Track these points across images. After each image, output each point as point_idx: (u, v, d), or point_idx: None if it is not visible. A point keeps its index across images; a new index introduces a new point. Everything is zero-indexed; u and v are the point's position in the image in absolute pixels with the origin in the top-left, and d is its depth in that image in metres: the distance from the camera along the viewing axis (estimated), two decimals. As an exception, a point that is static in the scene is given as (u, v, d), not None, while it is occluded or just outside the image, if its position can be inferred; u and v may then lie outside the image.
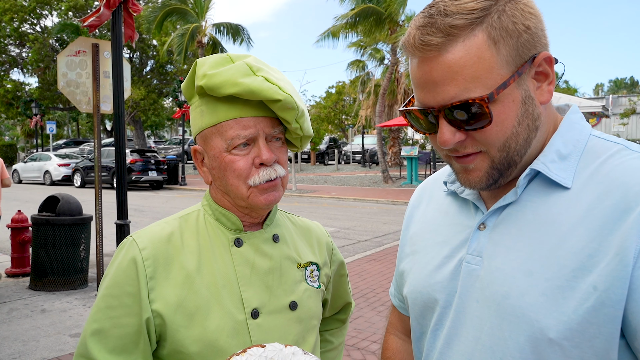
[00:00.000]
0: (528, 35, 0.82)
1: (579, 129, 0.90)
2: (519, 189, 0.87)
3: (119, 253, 1.15)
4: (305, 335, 1.20)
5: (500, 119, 0.82)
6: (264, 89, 1.06)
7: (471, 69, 0.80)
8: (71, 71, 6.27)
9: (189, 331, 1.09)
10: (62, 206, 6.44)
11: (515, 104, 0.83)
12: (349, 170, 30.34)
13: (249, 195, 1.12)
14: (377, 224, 12.09)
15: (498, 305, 0.85)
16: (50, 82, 29.91)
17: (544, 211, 0.85)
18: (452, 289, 0.93)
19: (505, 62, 0.81)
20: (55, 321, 5.26)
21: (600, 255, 0.77)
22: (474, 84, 0.80)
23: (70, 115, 43.64)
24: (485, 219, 0.92)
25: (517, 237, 0.86)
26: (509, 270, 0.85)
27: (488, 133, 0.83)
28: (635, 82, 78.77)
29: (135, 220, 9.42)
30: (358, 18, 21.45)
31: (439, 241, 1.00)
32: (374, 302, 5.93)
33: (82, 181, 22.51)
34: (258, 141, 1.11)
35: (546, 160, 0.86)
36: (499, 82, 0.81)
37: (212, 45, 27.26)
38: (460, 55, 0.80)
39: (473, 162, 0.87)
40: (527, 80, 0.84)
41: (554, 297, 0.79)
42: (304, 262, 1.25)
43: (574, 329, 0.77)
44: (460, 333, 0.91)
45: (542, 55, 0.83)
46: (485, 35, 0.80)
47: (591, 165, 0.85)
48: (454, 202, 1.02)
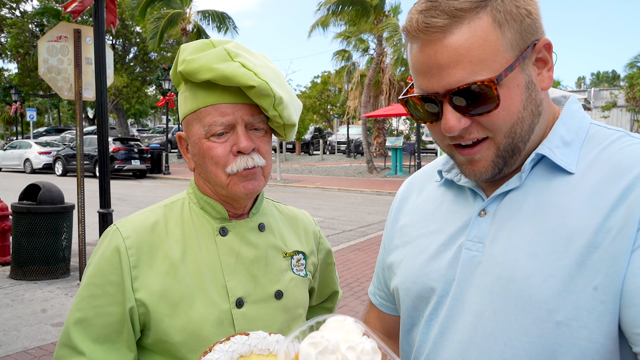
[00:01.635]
0: (530, 20, 0.82)
1: (579, 117, 0.92)
2: (523, 173, 0.87)
3: (102, 242, 1.14)
4: (290, 324, 1.20)
5: (507, 103, 0.82)
6: (238, 74, 1.04)
7: (477, 52, 0.79)
8: (52, 57, 6.15)
9: (173, 320, 1.08)
10: (44, 194, 6.34)
11: (520, 89, 0.83)
12: (334, 160, 30.36)
13: (228, 183, 1.12)
14: (362, 214, 12.14)
15: (502, 289, 0.84)
16: (30, 68, 29.31)
17: (548, 195, 0.85)
18: (450, 277, 0.92)
19: (510, 45, 0.81)
20: (36, 310, 5.20)
21: (604, 232, 0.78)
22: (480, 67, 0.79)
23: (51, 102, 42.87)
24: (487, 205, 0.91)
25: (520, 221, 0.86)
26: (512, 254, 0.84)
27: (495, 117, 0.83)
28: (616, 75, 79.81)
29: (118, 210, 9.32)
30: (340, 6, 21.33)
31: (434, 230, 0.99)
32: (358, 291, 5.98)
33: (63, 169, 22.19)
34: (237, 129, 1.10)
35: (551, 146, 0.87)
36: (505, 66, 0.80)
37: (197, 33, 26.94)
38: (466, 37, 0.79)
39: (479, 151, 0.86)
40: (529, 66, 0.84)
41: (561, 277, 0.79)
42: (290, 251, 1.25)
43: (582, 308, 0.77)
44: (456, 321, 0.90)
45: (542, 41, 0.84)
46: (490, 18, 0.80)
47: (593, 151, 0.86)
48: (448, 191, 1.02)
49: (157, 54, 32.55)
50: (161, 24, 25.20)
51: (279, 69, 1.20)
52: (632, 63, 32.43)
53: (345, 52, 28.65)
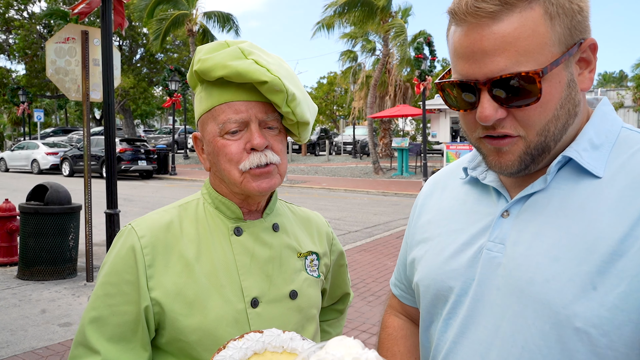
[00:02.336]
0: (581, 17, 0.81)
1: (611, 120, 0.90)
2: (549, 176, 0.86)
3: (117, 241, 1.14)
4: (304, 324, 1.20)
5: (546, 99, 0.80)
6: (251, 70, 1.05)
7: (525, 42, 0.77)
8: (60, 58, 6.18)
9: (188, 320, 1.08)
10: (51, 195, 6.37)
11: (561, 86, 0.81)
12: (340, 161, 30.35)
13: (242, 180, 1.12)
14: (368, 214, 12.12)
15: (521, 291, 0.83)
16: (38, 69, 29.50)
17: (573, 198, 0.83)
18: (470, 277, 0.91)
19: (558, 40, 0.79)
20: (43, 310, 5.22)
21: (631, 240, 0.76)
22: (525, 58, 0.78)
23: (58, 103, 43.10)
24: (510, 207, 0.90)
25: (544, 224, 0.84)
26: (533, 257, 0.83)
27: (531, 113, 0.81)
28: (624, 75, 79.38)
29: (124, 210, 9.36)
30: (347, 7, 21.34)
31: (456, 229, 0.98)
32: (364, 292, 5.96)
33: (70, 170, 22.29)
34: (250, 126, 1.10)
35: (579, 149, 0.85)
36: (550, 59, 0.79)
37: (202, 33, 27.03)
38: (515, 26, 0.77)
39: (508, 144, 0.84)
40: (573, 64, 0.83)
41: (582, 283, 0.77)
42: (304, 251, 1.25)
43: (602, 316, 0.75)
44: (478, 321, 0.89)
45: (588, 40, 0.82)
46: (542, 10, 0.78)
47: (623, 156, 0.84)
48: (472, 190, 1.00)
49: (164, 54, 32.68)
50: (164, 25, 25.29)
51: (293, 71, 1.20)
52: (639, 64, 32.22)
53: (351, 52, 28.64)
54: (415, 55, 17.73)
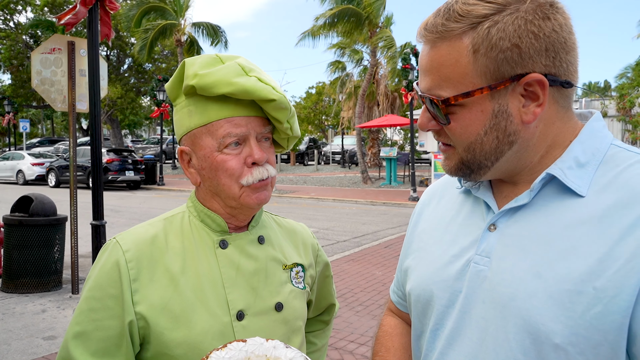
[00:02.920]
0: (513, 54, 0.81)
1: (600, 137, 0.89)
2: (532, 191, 0.87)
3: (102, 255, 1.14)
4: (290, 336, 1.19)
5: (465, 123, 0.87)
6: (259, 88, 1.07)
7: (447, 69, 0.85)
8: (46, 69, 6.15)
9: (174, 333, 1.07)
10: (36, 206, 6.30)
11: (484, 115, 0.85)
12: (329, 170, 30.38)
13: (241, 194, 1.12)
14: (356, 224, 12.13)
15: (504, 306, 0.84)
16: (24, 79, 29.28)
17: (557, 216, 0.85)
18: (457, 289, 0.93)
19: (481, 72, 0.83)
20: (28, 324, 5.14)
21: (610, 261, 0.76)
22: (445, 84, 0.86)
23: (44, 113, 42.75)
24: (496, 220, 0.91)
25: (528, 240, 0.86)
26: (517, 272, 0.84)
27: (452, 131, 0.89)
28: (608, 85, 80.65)
29: (111, 221, 9.27)
30: (337, 19, 21.51)
31: (448, 240, 0.99)
32: (352, 302, 5.95)
33: (56, 181, 22.06)
34: (249, 140, 1.11)
35: (563, 166, 0.86)
36: (469, 89, 0.84)
37: (190, 44, 27.05)
38: (442, 53, 0.85)
39: (446, 152, 0.94)
40: (508, 97, 0.84)
41: (562, 300, 0.78)
42: (290, 263, 1.25)
43: (580, 335, 0.76)
44: (464, 333, 0.90)
45: (531, 76, 0.82)
46: (469, 42, 0.82)
47: (609, 174, 0.85)
48: (466, 200, 1.02)
49: (152, 64, 32.60)
50: (150, 35, 25.24)
51: None
52: (622, 74, 32.80)
53: (339, 63, 28.82)
54: (403, 66, 17.92)
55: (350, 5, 21.45)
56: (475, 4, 0.83)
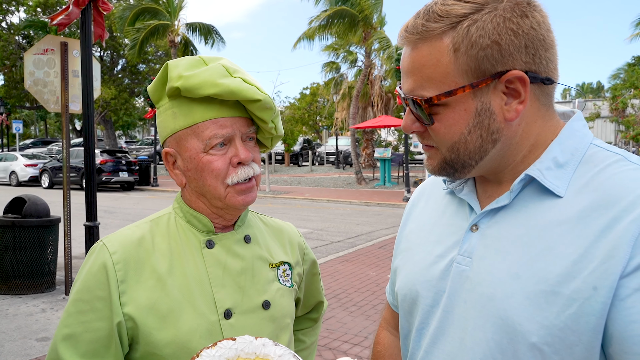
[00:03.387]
0: (493, 51, 0.82)
1: (579, 137, 0.90)
2: (512, 193, 0.88)
3: (89, 257, 1.15)
4: (278, 333, 1.21)
5: (449, 122, 0.87)
6: (244, 89, 1.08)
7: (428, 70, 0.86)
8: (39, 70, 6.13)
9: (162, 333, 1.09)
10: (29, 207, 6.28)
11: (468, 113, 0.86)
12: (323, 171, 30.40)
13: (226, 195, 1.13)
14: (350, 225, 12.15)
15: (483, 306, 0.85)
16: (16, 80, 29.07)
17: (536, 217, 0.85)
18: (441, 289, 0.94)
19: (463, 71, 0.83)
20: (21, 325, 5.13)
21: (585, 262, 0.77)
22: (428, 84, 0.86)
23: (38, 114, 42.53)
24: (478, 221, 0.92)
25: (507, 241, 0.87)
26: (496, 273, 0.85)
27: (436, 132, 0.89)
28: (601, 86, 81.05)
29: (105, 222, 9.24)
30: (331, 20, 21.54)
31: (433, 240, 1.00)
32: (346, 302, 5.97)
33: (50, 182, 21.95)
34: (235, 141, 1.13)
35: (542, 167, 0.86)
36: (451, 88, 0.84)
37: (185, 45, 26.99)
38: (424, 54, 0.86)
39: (429, 151, 0.94)
40: (490, 95, 0.84)
41: (538, 301, 0.79)
42: (276, 261, 1.26)
43: (555, 335, 0.77)
44: (446, 333, 0.92)
45: (512, 73, 0.83)
46: (450, 42, 0.83)
47: (587, 174, 0.85)
48: (451, 201, 1.03)
49: (145, 65, 32.50)
50: (141, 34, 25.13)
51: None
52: (615, 74, 33.01)
53: (333, 64, 28.84)
54: (396, 67, 17.94)
55: (345, 6, 21.47)
56: (454, 4, 0.84)
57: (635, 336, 0.73)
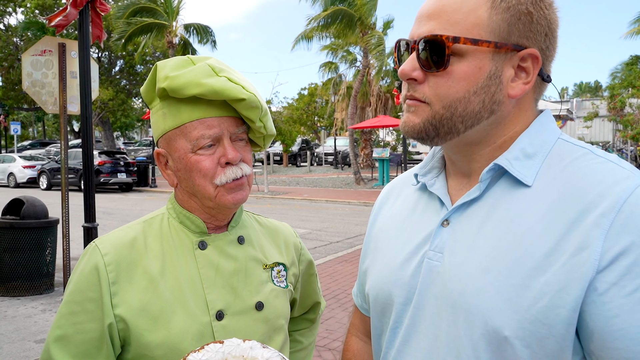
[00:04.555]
0: (525, 20, 0.83)
1: (548, 131, 0.90)
2: (482, 183, 0.87)
3: (82, 259, 1.16)
4: (272, 334, 1.21)
5: (459, 76, 0.83)
6: (228, 88, 1.07)
7: (459, 15, 0.82)
8: (36, 71, 6.12)
9: (153, 335, 1.09)
10: (27, 209, 6.27)
11: (480, 72, 0.83)
12: (321, 171, 30.39)
13: (216, 195, 1.13)
14: (349, 225, 12.15)
15: (454, 302, 0.85)
16: (14, 81, 29.02)
17: (506, 209, 0.85)
18: (413, 286, 0.93)
19: (492, 28, 0.82)
20: (19, 327, 5.12)
21: (556, 255, 0.77)
22: (452, 27, 0.82)
23: (36, 115, 42.48)
24: (449, 215, 0.91)
25: (477, 234, 0.86)
26: (466, 268, 0.85)
27: (440, 83, 0.84)
28: (599, 85, 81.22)
29: (103, 224, 9.23)
30: (330, 19, 21.54)
31: (404, 238, 0.99)
32: (345, 302, 5.97)
33: (48, 183, 21.92)
34: (223, 141, 1.12)
35: (510, 157, 0.86)
36: (475, 37, 0.82)
37: (183, 45, 26.97)
38: (459, 1, 0.83)
39: (415, 107, 0.88)
40: (505, 63, 0.84)
41: (509, 295, 0.79)
42: (270, 262, 1.26)
43: (526, 329, 0.77)
44: (419, 330, 0.91)
45: (529, 50, 0.84)
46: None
47: (556, 167, 0.85)
48: (421, 197, 1.01)
49: (143, 66, 32.47)
50: (131, 28, 25.00)
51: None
52: (613, 74, 33.05)
53: (332, 64, 28.85)
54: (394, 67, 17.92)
55: (342, 6, 21.48)
56: None
57: (616, 331, 0.73)
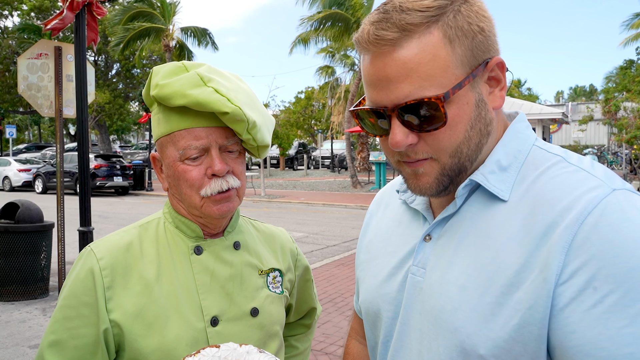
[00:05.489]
0: (482, 37, 0.81)
1: (522, 138, 0.88)
2: (458, 200, 0.86)
3: (77, 263, 1.14)
4: (266, 341, 1.20)
5: (455, 121, 0.80)
6: (211, 100, 1.05)
7: (426, 67, 0.77)
8: (32, 74, 6.11)
9: (148, 340, 1.08)
10: (22, 213, 6.24)
11: (470, 107, 0.81)
12: (318, 175, 30.38)
13: (202, 205, 1.12)
14: (346, 228, 12.14)
15: (435, 318, 0.84)
16: (10, 84, 28.94)
17: (482, 224, 0.83)
18: (399, 301, 0.93)
19: (460, 62, 0.79)
20: (13, 332, 5.08)
21: (527, 272, 0.76)
22: (429, 83, 0.77)
23: (31, 118, 42.36)
24: (431, 230, 0.90)
25: (456, 250, 0.85)
26: (445, 284, 0.84)
27: (441, 136, 0.81)
28: (594, 89, 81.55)
29: (99, 227, 9.20)
30: (325, 21, 21.57)
31: (390, 251, 0.99)
32: (342, 306, 5.95)
33: (43, 187, 21.84)
34: (211, 152, 1.10)
35: (485, 172, 0.84)
36: (454, 82, 0.78)
37: (180, 49, 26.97)
38: (416, 52, 0.77)
39: (422, 166, 0.84)
40: (481, 84, 0.82)
41: (484, 313, 0.78)
42: (266, 268, 1.25)
43: (501, 347, 0.76)
44: (405, 345, 0.91)
45: (495, 60, 0.82)
46: (441, 34, 0.78)
47: (529, 178, 0.83)
48: (407, 210, 1.00)
49: (140, 70, 32.45)
50: (130, 34, 25.05)
51: (252, 90, 1.21)
52: (608, 77, 33.24)
53: (328, 67, 28.86)
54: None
55: (339, 9, 21.53)
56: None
57: (574, 347, 0.71)
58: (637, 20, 25.69)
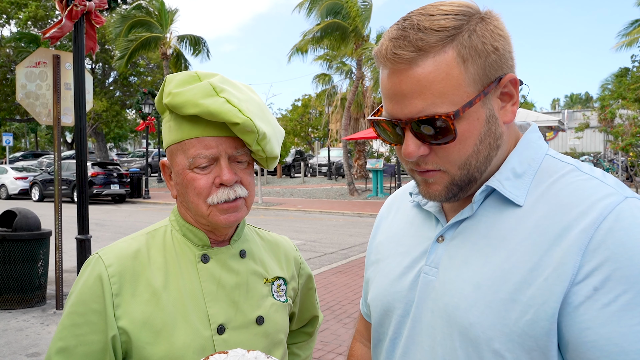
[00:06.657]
0: (496, 56, 0.85)
1: (535, 148, 0.93)
2: (474, 204, 0.91)
3: (84, 270, 1.15)
4: (271, 349, 1.21)
5: (464, 136, 0.85)
6: (223, 111, 1.06)
7: (439, 85, 0.82)
8: (31, 82, 6.12)
9: (155, 348, 1.09)
10: (20, 221, 6.22)
11: (480, 123, 0.85)
12: (315, 182, 30.38)
13: (209, 213, 1.13)
14: (343, 236, 12.13)
15: (449, 316, 0.88)
16: (7, 92, 28.92)
17: (497, 227, 0.88)
18: (410, 299, 0.96)
19: (472, 80, 0.83)
20: (10, 341, 5.05)
21: (540, 270, 0.81)
22: (441, 100, 0.83)
23: (28, 126, 42.29)
24: (444, 232, 0.95)
25: (471, 251, 0.89)
26: (460, 283, 0.88)
27: (450, 150, 0.86)
28: (589, 97, 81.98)
29: (96, 235, 9.16)
30: (324, 32, 21.70)
31: (402, 251, 1.03)
32: (340, 314, 5.95)
33: (40, 195, 21.77)
34: (220, 161, 1.12)
35: (501, 178, 0.89)
36: (466, 100, 0.83)
37: (176, 57, 27.06)
38: (430, 70, 0.82)
39: (433, 177, 0.90)
40: (492, 100, 0.87)
41: (498, 309, 0.82)
42: (271, 277, 1.27)
43: (514, 341, 0.81)
44: (416, 342, 0.94)
45: (508, 77, 0.86)
46: (455, 53, 0.82)
47: (543, 184, 0.88)
48: (419, 213, 1.05)
49: (137, 77, 32.50)
50: (132, 45, 25.18)
51: (263, 101, 1.22)
52: (603, 85, 33.41)
53: (325, 75, 28.98)
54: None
55: (336, 19, 21.65)
56: (443, 17, 0.83)
57: (588, 342, 0.76)
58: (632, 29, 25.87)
